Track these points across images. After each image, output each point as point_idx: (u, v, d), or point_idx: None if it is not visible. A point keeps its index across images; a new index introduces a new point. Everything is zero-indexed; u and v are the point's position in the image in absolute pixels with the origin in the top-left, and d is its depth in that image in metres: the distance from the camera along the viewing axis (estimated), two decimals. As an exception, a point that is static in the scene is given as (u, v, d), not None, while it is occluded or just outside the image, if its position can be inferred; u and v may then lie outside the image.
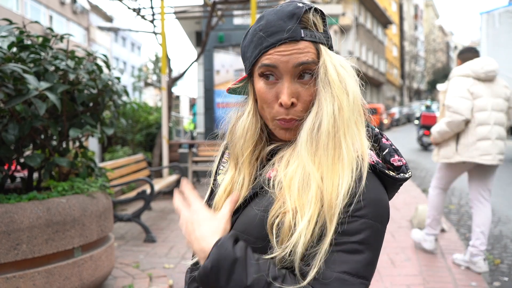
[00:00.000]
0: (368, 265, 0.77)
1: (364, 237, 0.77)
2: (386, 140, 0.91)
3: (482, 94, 3.42)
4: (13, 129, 2.46)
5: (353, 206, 0.77)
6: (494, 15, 10.72)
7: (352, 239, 0.76)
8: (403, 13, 53.47)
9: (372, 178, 0.82)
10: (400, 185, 0.87)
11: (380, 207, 0.80)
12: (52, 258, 2.48)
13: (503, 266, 3.76)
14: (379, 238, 0.80)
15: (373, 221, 0.78)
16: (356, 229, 0.76)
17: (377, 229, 0.79)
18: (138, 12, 7.71)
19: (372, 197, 0.79)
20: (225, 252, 0.75)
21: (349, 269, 0.75)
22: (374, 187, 0.81)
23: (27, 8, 28.66)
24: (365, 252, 0.76)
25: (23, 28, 2.76)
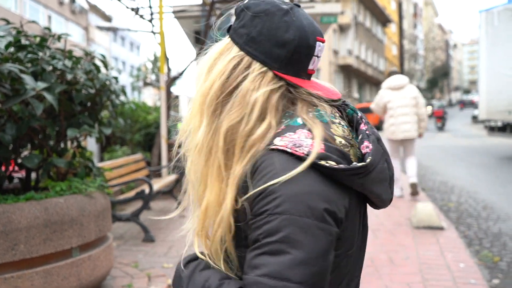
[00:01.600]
0: (296, 265, 0.70)
1: (286, 235, 0.71)
2: (364, 124, 0.87)
3: (393, 99, 6.00)
4: (10, 129, 2.46)
5: (271, 203, 0.73)
6: (493, 13, 10.71)
7: (272, 239, 0.71)
8: (402, 11, 53.41)
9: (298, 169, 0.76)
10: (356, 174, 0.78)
11: (306, 200, 0.73)
12: (50, 258, 2.48)
13: (502, 263, 3.76)
14: (310, 234, 0.72)
15: (298, 216, 0.72)
16: (276, 228, 0.71)
17: (304, 224, 0.72)
18: (137, 11, 7.70)
19: (294, 191, 0.73)
20: (176, 272, 0.91)
21: (269, 272, 0.70)
22: (297, 179, 0.74)
23: (26, 7, 28.64)
24: (290, 251, 0.70)
25: (21, 28, 2.76)
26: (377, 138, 0.85)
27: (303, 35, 0.84)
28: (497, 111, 10.78)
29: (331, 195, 0.76)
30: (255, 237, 0.74)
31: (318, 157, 0.76)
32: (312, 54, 0.86)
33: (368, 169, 0.78)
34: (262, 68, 0.84)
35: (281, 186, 0.73)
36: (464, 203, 6.17)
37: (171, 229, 4.88)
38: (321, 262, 0.72)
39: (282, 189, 0.73)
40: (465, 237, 4.55)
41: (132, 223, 4.91)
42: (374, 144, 0.83)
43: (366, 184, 0.80)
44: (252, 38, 0.84)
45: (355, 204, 0.82)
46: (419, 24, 65.01)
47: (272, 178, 0.74)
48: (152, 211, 5.88)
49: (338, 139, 0.81)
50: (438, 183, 7.92)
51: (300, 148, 0.77)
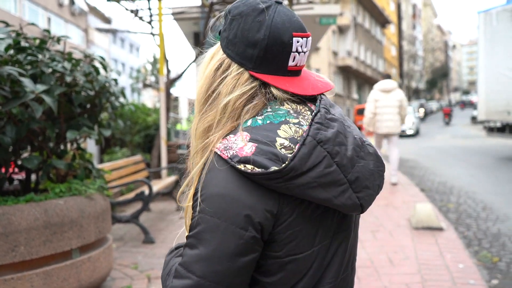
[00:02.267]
0: (200, 260, 0.77)
1: (197, 232, 0.78)
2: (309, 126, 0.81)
3: (381, 99, 7.02)
4: (10, 132, 2.47)
5: (196, 202, 0.80)
6: (492, 14, 10.73)
7: (191, 234, 0.80)
8: (401, 12, 53.52)
9: (220, 172, 0.79)
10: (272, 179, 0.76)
11: (219, 202, 0.76)
12: (50, 260, 2.48)
13: (501, 264, 3.77)
14: (217, 235, 0.76)
15: (209, 216, 0.77)
16: (194, 224, 0.79)
17: (213, 224, 0.76)
18: (136, 13, 7.71)
19: (211, 192, 0.78)
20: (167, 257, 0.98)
21: (182, 262, 0.80)
22: (217, 181, 0.78)
23: (25, 10, 28.64)
24: (198, 247, 0.78)
25: (20, 30, 2.77)
26: (318, 141, 0.78)
27: (275, 33, 0.83)
28: (496, 111, 10.79)
29: (248, 200, 0.77)
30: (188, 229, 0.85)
31: (239, 160, 0.77)
32: (289, 51, 0.84)
33: (285, 173, 0.75)
34: (239, 69, 0.86)
35: (204, 186, 0.80)
36: (463, 204, 6.17)
37: (170, 230, 4.88)
38: (226, 262, 0.76)
39: (204, 190, 0.79)
40: (464, 237, 4.55)
41: (131, 224, 4.91)
42: (306, 147, 0.77)
43: (294, 188, 0.77)
44: (230, 41, 0.88)
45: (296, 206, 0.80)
46: (418, 25, 65.10)
47: (203, 178, 0.82)
48: (152, 212, 5.89)
49: (281, 141, 0.79)
50: (437, 183, 7.93)
51: (228, 151, 0.79)
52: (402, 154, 12.64)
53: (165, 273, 0.92)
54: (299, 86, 0.87)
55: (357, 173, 0.81)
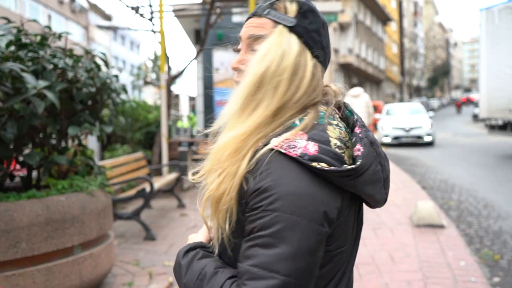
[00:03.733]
0: (284, 259, 0.75)
1: (276, 231, 0.75)
2: (359, 127, 0.89)
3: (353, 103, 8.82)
4: (11, 128, 2.46)
5: (266, 200, 0.77)
6: (493, 12, 10.69)
7: (265, 233, 0.76)
8: (403, 10, 53.38)
9: (291, 170, 0.79)
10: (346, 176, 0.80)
11: (298, 200, 0.77)
12: (51, 256, 2.48)
13: (502, 261, 3.77)
14: (298, 232, 0.76)
15: (288, 214, 0.76)
16: (268, 223, 0.76)
17: (293, 222, 0.76)
18: (137, 10, 7.69)
19: (286, 190, 0.77)
20: (177, 259, 0.93)
21: (259, 263, 0.75)
22: (290, 179, 0.78)
23: (26, 7, 28.61)
24: (279, 246, 0.75)
25: (21, 26, 2.76)
26: (370, 141, 0.86)
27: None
28: (498, 109, 10.76)
29: (322, 196, 0.79)
30: (250, 229, 0.79)
31: (310, 158, 0.79)
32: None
33: (358, 171, 0.80)
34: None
35: (275, 184, 0.77)
36: (465, 202, 6.17)
37: (172, 227, 4.89)
38: (308, 258, 0.77)
39: (276, 188, 0.77)
40: (466, 235, 4.55)
41: (133, 221, 4.92)
42: (366, 147, 0.84)
43: (358, 185, 0.82)
44: (323, 49, 0.90)
45: (348, 203, 0.85)
46: (420, 22, 64.95)
47: (268, 176, 0.78)
48: (153, 209, 5.89)
49: (334, 141, 0.83)
50: (439, 181, 7.92)
51: (294, 149, 0.80)
52: (403, 152, 12.62)
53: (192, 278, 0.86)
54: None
55: (387, 172, 0.90)
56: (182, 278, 0.88)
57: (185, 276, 0.87)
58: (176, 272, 0.92)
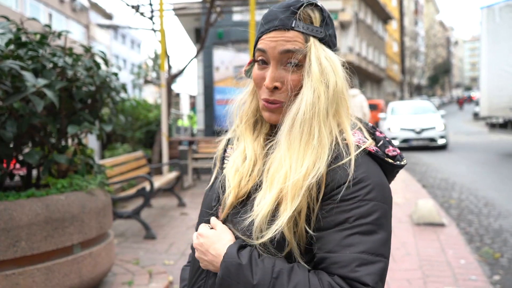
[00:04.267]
0: (385, 243, 0.82)
1: (376, 218, 0.81)
2: (380, 133, 0.96)
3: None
4: (11, 126, 2.46)
5: (362, 190, 0.82)
6: (494, 10, 10.67)
7: (366, 221, 0.80)
8: (403, 8, 53.29)
9: (373, 164, 0.87)
10: (397, 172, 0.93)
11: (385, 190, 0.86)
12: (51, 255, 2.48)
13: (503, 260, 3.76)
14: (389, 219, 0.85)
15: (382, 202, 0.83)
16: (368, 211, 0.81)
17: (386, 210, 0.84)
18: (137, 9, 7.69)
19: (377, 181, 0.85)
20: (230, 260, 0.83)
21: (367, 249, 0.79)
22: (377, 172, 0.86)
23: (26, 6, 28.61)
24: (379, 232, 0.81)
25: (21, 25, 2.75)
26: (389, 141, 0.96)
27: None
28: (499, 108, 10.75)
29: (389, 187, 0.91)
30: (341, 220, 0.81)
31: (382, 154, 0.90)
32: None
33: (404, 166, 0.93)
34: None
35: (368, 176, 0.84)
36: (465, 200, 6.16)
37: (172, 226, 4.89)
38: (390, 241, 0.86)
39: (371, 179, 0.84)
40: (466, 233, 4.55)
41: (133, 220, 4.93)
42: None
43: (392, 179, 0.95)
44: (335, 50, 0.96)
45: None
46: (420, 21, 64.84)
47: (359, 168, 0.83)
48: (153, 208, 5.89)
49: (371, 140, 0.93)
50: (439, 180, 7.92)
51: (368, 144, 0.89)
52: (405, 151, 12.60)
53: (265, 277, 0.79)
54: None
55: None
56: (250, 279, 0.80)
57: (254, 276, 0.80)
58: (232, 274, 0.82)
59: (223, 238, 0.89)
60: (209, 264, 0.90)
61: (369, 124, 0.98)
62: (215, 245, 0.88)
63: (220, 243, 0.88)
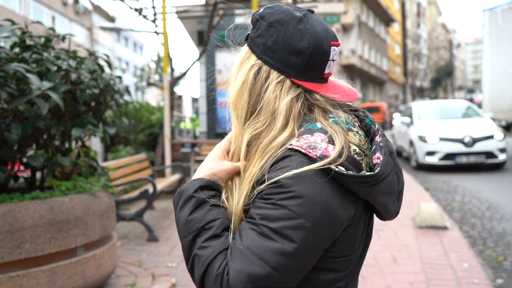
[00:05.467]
0: (278, 254, 0.76)
1: (280, 227, 0.77)
2: (379, 136, 0.90)
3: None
4: (15, 129, 2.48)
5: (279, 195, 0.78)
6: (497, 12, 10.68)
7: (267, 225, 0.77)
8: (406, 11, 53.30)
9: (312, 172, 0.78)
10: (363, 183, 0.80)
11: (308, 203, 0.77)
12: (55, 257, 2.49)
13: (506, 263, 3.75)
14: (301, 234, 0.76)
15: (297, 215, 0.76)
16: (274, 217, 0.77)
17: (299, 224, 0.76)
18: (140, 12, 7.72)
19: (301, 191, 0.77)
20: (190, 187, 0.88)
21: (254, 247, 0.77)
22: (308, 181, 0.78)
23: (30, 9, 28.75)
24: (278, 241, 0.76)
25: (25, 28, 2.78)
26: (389, 151, 0.87)
27: (317, 42, 0.87)
28: (501, 110, 10.74)
29: (335, 203, 0.79)
30: (253, 215, 0.81)
31: (329, 161, 0.79)
32: (327, 59, 0.89)
33: (375, 179, 0.81)
34: (279, 77, 0.88)
35: (292, 183, 0.77)
36: (468, 203, 6.15)
37: (174, 228, 4.89)
38: (300, 260, 0.78)
39: (293, 187, 0.77)
40: (469, 236, 4.54)
41: (135, 222, 4.93)
42: (386, 156, 0.85)
43: (373, 193, 0.83)
44: (269, 48, 0.89)
45: (360, 213, 0.86)
46: (423, 23, 64.82)
47: (285, 172, 0.79)
48: (156, 210, 5.90)
49: (353, 146, 0.85)
50: (442, 182, 7.90)
51: (314, 150, 0.80)
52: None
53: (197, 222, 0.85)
54: (338, 92, 0.91)
55: (402, 184, 0.91)
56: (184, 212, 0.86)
57: (190, 213, 0.85)
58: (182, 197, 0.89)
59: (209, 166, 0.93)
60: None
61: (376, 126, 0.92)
62: (207, 163, 0.94)
63: (209, 165, 0.93)
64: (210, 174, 0.91)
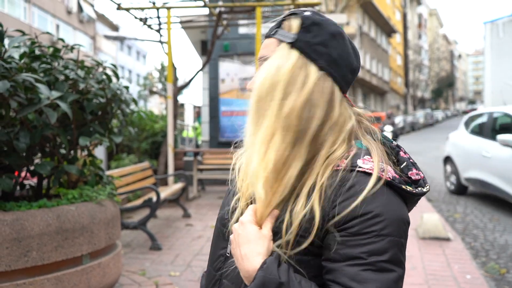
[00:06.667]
0: (398, 280, 0.79)
1: (392, 255, 0.78)
2: (404, 153, 0.91)
3: None
4: (24, 137, 2.51)
5: (378, 225, 0.77)
6: (498, 25, 10.75)
7: (381, 258, 0.77)
8: (407, 22, 53.62)
9: (391, 194, 0.81)
10: (418, 199, 0.87)
11: (402, 224, 0.81)
12: (61, 265, 2.51)
13: (509, 275, 3.75)
14: (403, 254, 0.81)
15: (398, 238, 0.79)
16: (384, 248, 0.77)
17: (401, 245, 0.80)
18: (145, 21, 7.80)
19: (395, 215, 0.79)
20: (270, 276, 0.77)
21: (381, 286, 0.76)
22: (395, 203, 0.81)
23: (35, 17, 29.01)
24: (394, 269, 0.78)
25: (35, 39, 2.82)
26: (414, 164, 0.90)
27: (360, 63, 0.93)
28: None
29: (408, 218, 0.85)
30: (355, 254, 0.77)
31: (400, 181, 0.83)
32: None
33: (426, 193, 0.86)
34: (340, 92, 0.88)
35: (385, 209, 0.79)
36: (470, 214, 6.14)
37: (177, 237, 4.90)
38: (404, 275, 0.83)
39: (386, 213, 0.79)
40: (472, 248, 4.53)
41: (138, 231, 4.95)
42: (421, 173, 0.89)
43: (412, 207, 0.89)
44: (334, 60, 0.85)
45: None
46: (424, 34, 65.16)
47: (372, 201, 0.78)
48: (158, 219, 5.91)
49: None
50: (444, 193, 7.90)
51: (384, 172, 0.81)
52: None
53: None
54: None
55: None
56: None
57: None
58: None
59: (263, 243, 0.82)
60: (239, 260, 0.84)
61: (393, 142, 0.93)
62: (251, 245, 0.82)
63: (257, 246, 0.82)
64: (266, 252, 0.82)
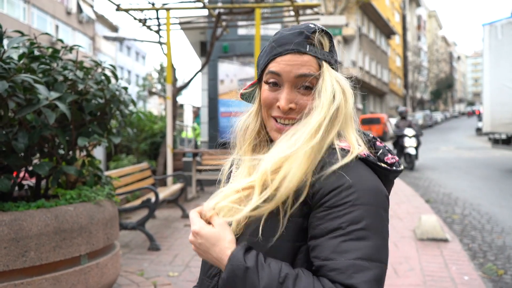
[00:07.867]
0: (380, 248, 0.81)
1: (369, 223, 0.81)
2: (380, 143, 1.01)
3: None
4: (22, 138, 2.51)
5: (352, 195, 0.83)
6: (496, 27, 10.78)
7: (358, 226, 0.81)
8: (406, 23, 53.69)
9: (366, 169, 0.89)
10: (394, 177, 0.95)
11: (378, 194, 0.86)
12: (59, 265, 2.51)
13: (506, 277, 3.76)
14: (383, 223, 0.84)
15: (374, 206, 0.84)
16: (360, 217, 0.81)
17: (379, 214, 0.84)
18: (144, 22, 7.81)
19: (369, 185, 0.85)
20: (237, 263, 0.82)
21: (362, 255, 0.79)
22: (369, 176, 0.88)
23: (34, 17, 29.00)
24: (373, 237, 0.81)
25: (34, 39, 2.83)
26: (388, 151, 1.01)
27: None
28: (501, 123, 10.78)
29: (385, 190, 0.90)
30: (335, 226, 0.82)
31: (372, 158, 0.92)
32: None
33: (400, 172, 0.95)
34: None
35: (359, 180, 0.85)
36: (468, 216, 6.16)
37: (175, 237, 4.90)
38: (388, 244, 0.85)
39: (362, 183, 0.85)
40: (469, 249, 4.55)
41: (137, 231, 4.95)
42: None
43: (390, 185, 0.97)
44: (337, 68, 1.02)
45: None
46: (423, 36, 65.25)
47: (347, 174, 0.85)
48: (157, 219, 5.91)
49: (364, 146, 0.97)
50: (442, 195, 7.91)
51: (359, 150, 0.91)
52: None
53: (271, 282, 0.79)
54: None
55: None
56: (256, 282, 0.80)
57: (260, 280, 0.80)
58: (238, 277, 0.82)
59: (224, 238, 0.87)
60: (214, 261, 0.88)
61: (369, 135, 1.02)
62: (216, 247, 0.86)
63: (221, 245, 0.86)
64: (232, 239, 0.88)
